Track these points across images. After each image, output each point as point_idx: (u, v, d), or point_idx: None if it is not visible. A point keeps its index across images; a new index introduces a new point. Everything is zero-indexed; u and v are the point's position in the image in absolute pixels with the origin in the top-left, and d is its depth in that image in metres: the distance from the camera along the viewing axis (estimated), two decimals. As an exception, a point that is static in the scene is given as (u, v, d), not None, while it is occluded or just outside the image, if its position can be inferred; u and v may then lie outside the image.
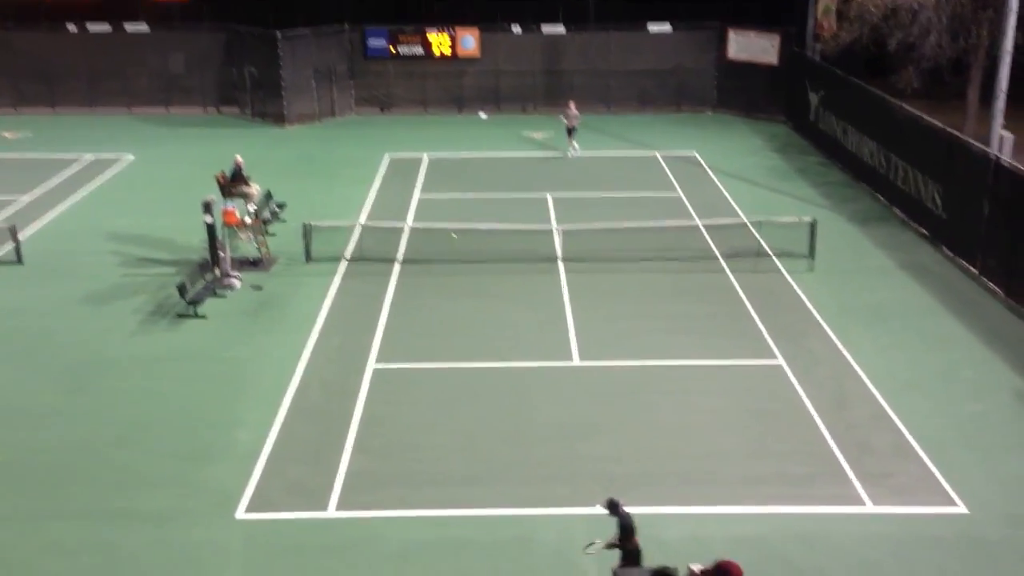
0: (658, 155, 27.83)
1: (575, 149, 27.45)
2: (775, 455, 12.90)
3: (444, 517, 11.66)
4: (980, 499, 11.84)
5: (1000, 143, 20.67)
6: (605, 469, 12.61)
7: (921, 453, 12.86)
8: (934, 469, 12.50)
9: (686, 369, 15.23)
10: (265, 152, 27.81)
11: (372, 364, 15.43)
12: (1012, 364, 15.28)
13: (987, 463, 12.62)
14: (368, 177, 25.72)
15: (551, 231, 20.91)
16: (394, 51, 33.28)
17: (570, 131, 27.45)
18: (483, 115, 33.07)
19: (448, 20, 33.78)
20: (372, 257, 19.76)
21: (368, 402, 14.28)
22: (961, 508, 11.73)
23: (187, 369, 15.28)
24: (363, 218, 22.17)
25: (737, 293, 18.10)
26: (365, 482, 12.33)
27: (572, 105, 27.64)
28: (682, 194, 24.18)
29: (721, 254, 19.92)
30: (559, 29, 33.34)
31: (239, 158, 20.60)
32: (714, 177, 25.68)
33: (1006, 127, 21.01)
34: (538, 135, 30.40)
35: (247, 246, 19.76)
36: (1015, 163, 18.59)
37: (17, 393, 14.58)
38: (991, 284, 18.19)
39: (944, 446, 12.96)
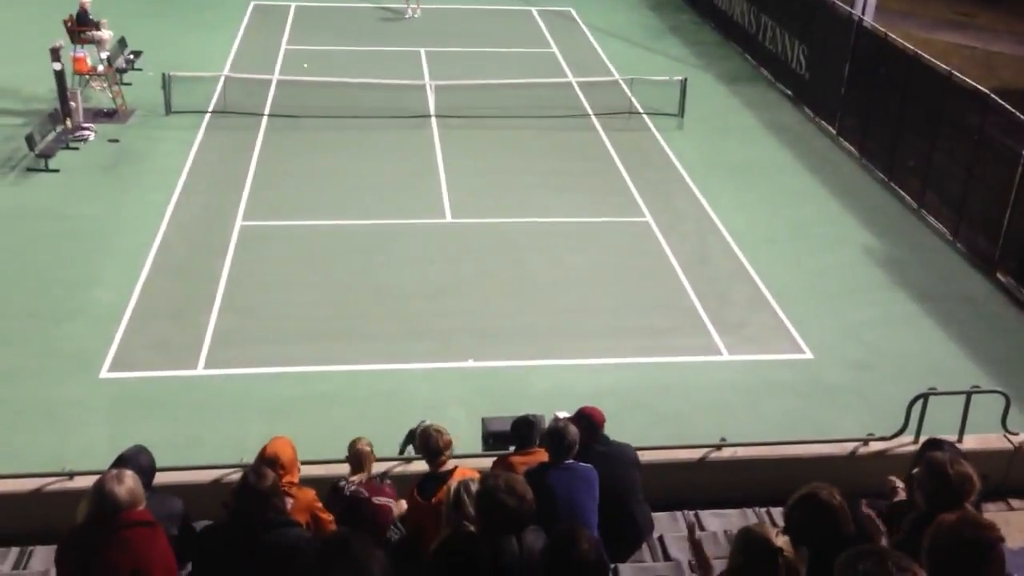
0: (533, 10, 27.30)
1: (413, 11, 26.01)
2: (640, 309, 13.35)
3: (314, 373, 11.70)
4: (825, 346, 12.62)
5: (864, 4, 21.07)
6: (474, 325, 12.82)
7: (774, 304, 13.53)
8: (785, 319, 13.20)
9: (557, 226, 15.44)
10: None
11: (239, 221, 15.05)
12: (861, 220, 16.06)
13: (833, 313, 13.40)
14: (232, 24, 24.43)
15: (424, 86, 20.46)
16: None
17: None
18: None
19: None
20: (237, 111, 18.99)
21: (235, 260, 13.99)
22: (807, 354, 12.49)
23: (38, 226, 14.55)
24: (227, 69, 21.14)
25: (608, 151, 18.27)
26: (233, 340, 12.20)
27: None
28: (556, 50, 23.92)
29: (593, 112, 19.96)
30: None
31: (85, 0, 19.19)
32: (589, 34, 25.45)
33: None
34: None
35: (101, 95, 18.66)
36: (876, 25, 19.05)
37: None
38: (847, 144, 18.87)
39: (795, 297, 13.66)
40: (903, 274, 14.41)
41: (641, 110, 20.04)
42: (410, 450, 7.91)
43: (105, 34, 18.94)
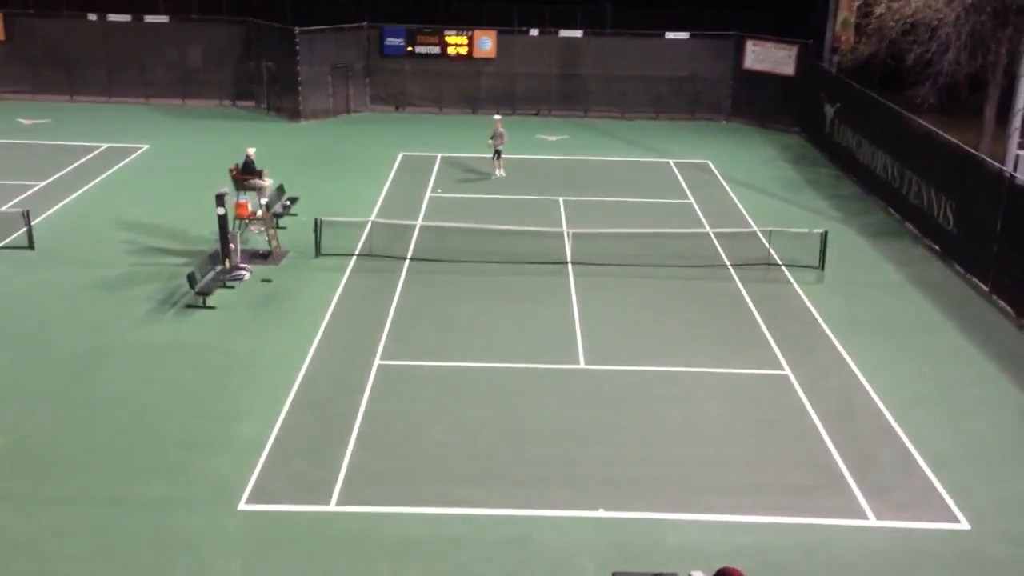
0: (671, 162, 27.81)
1: (499, 172, 25.82)
2: (778, 465, 12.87)
3: (443, 515, 11.66)
4: (982, 516, 11.79)
5: (1015, 161, 20.58)
6: (606, 473, 12.60)
7: (925, 468, 12.81)
8: (937, 485, 12.45)
9: (692, 376, 15.21)
10: (279, 146, 27.90)
11: (378, 360, 15.45)
12: (1019, 382, 15.21)
13: (990, 480, 12.56)
14: (381, 174, 25.77)
15: (562, 234, 20.91)
16: (411, 50, 33.35)
17: (497, 153, 25.72)
18: (497, 116, 33.00)
19: (466, 21, 33.87)
20: (382, 254, 19.80)
21: (372, 398, 14.30)
22: (963, 525, 11.68)
23: (193, 359, 15.32)
24: (374, 214, 22.21)
25: (746, 302, 18.06)
26: (367, 477, 12.35)
27: (499, 124, 25.94)
28: (694, 201, 24.15)
29: (731, 263, 19.89)
30: (576, 33, 33.36)
31: (250, 151, 20.68)
32: (726, 186, 25.65)
33: (1022, 146, 20.90)
34: (552, 138, 30.42)
35: (258, 239, 19.82)
36: (1029, 181, 18.52)
37: (22, 377, 14.64)
38: (1001, 302, 18.11)
39: (948, 462, 12.91)
40: (1068, 442, 13.46)
41: (780, 262, 19.85)
42: None
43: (266, 182, 20.28)
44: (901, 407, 14.31)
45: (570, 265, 19.53)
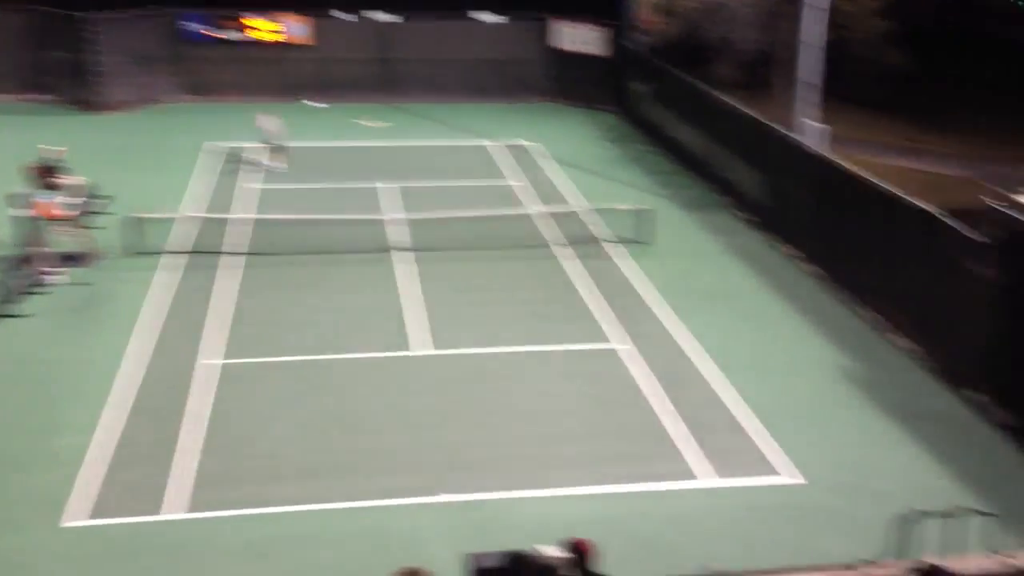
0: (491, 144, 28.00)
1: (275, 163, 24.77)
2: (616, 436, 13.24)
3: (290, 513, 11.35)
4: (808, 469, 12.50)
5: (811, 133, 21.81)
6: (451, 457, 12.61)
7: (753, 428, 13.48)
8: (765, 442, 13.12)
9: (526, 355, 15.41)
10: (80, 141, 26.10)
11: (204, 360, 14.84)
12: (832, 341, 16.23)
13: (815, 434, 13.36)
14: (194, 167, 24.69)
15: (388, 221, 20.69)
16: (217, 36, 32.04)
17: (273, 147, 24.81)
18: (319, 104, 32.26)
19: (273, 5, 32.74)
20: (200, 249, 19.02)
21: (201, 400, 13.73)
22: (791, 478, 12.36)
23: (4, 371, 14.24)
24: (188, 209, 21.28)
25: (575, 280, 18.45)
26: (202, 482, 11.84)
27: (268, 118, 25.01)
28: (515, 183, 24.43)
29: (555, 242, 20.25)
30: (390, 17, 32.99)
31: (53, 148, 19.35)
32: (549, 166, 26.08)
33: (821, 119, 22.18)
34: (371, 123, 30.02)
35: (68, 240, 18.58)
36: (829, 153, 19.75)
37: None
38: (813, 267, 19.25)
39: (775, 420, 13.63)
40: (877, 393, 14.49)
41: (607, 238, 20.38)
42: None
43: (72, 180, 19.01)
44: (729, 370, 15.00)
45: (399, 252, 19.36)
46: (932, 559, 7.65)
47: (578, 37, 33.01)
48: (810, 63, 21.83)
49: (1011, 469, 12.69)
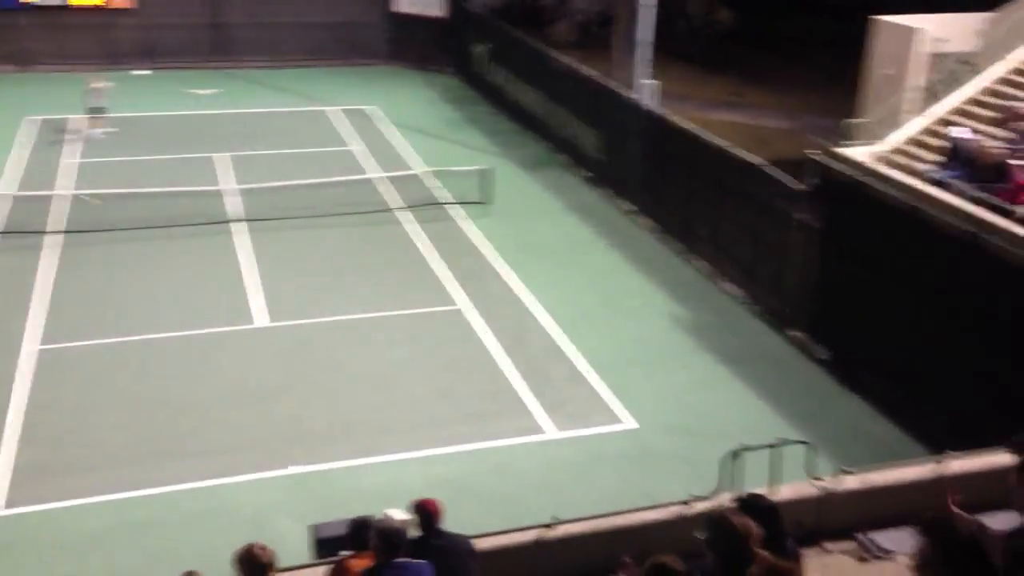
0: (330, 109, 27.46)
1: (97, 131, 23.89)
2: (462, 396, 13.37)
3: (128, 499, 11.00)
4: (645, 414, 13.01)
5: (645, 91, 22.37)
6: (295, 429, 12.46)
7: (592, 378, 13.87)
8: (604, 392, 13.54)
9: (370, 321, 15.33)
10: None
11: (27, 346, 14.10)
12: (665, 290, 16.82)
13: (648, 382, 13.87)
14: (7, 142, 23.19)
15: (221, 192, 20.05)
16: (33, 3, 30.07)
17: (96, 110, 23.92)
18: (143, 72, 30.73)
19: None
20: (20, 230, 17.96)
21: (27, 387, 13.07)
22: (629, 424, 12.83)
23: None
24: (6, 187, 20.02)
25: (417, 243, 18.41)
26: (31, 474, 11.31)
27: (96, 82, 24.29)
28: (356, 148, 24.08)
29: (397, 206, 20.13)
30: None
31: None
32: (388, 130, 25.80)
33: (654, 77, 22.72)
34: (202, 91, 28.90)
35: None
36: (659, 109, 20.30)
37: None
38: (645, 220, 19.82)
39: (612, 370, 14.05)
40: (709, 339, 15.13)
41: (447, 200, 20.39)
42: None
43: None
44: (568, 325, 15.34)
45: (236, 223, 18.82)
46: (757, 490, 8.07)
47: (416, -1, 32.62)
48: (647, 23, 22.30)
49: (827, 399, 13.55)
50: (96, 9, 30.76)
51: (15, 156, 22.31)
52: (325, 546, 8.83)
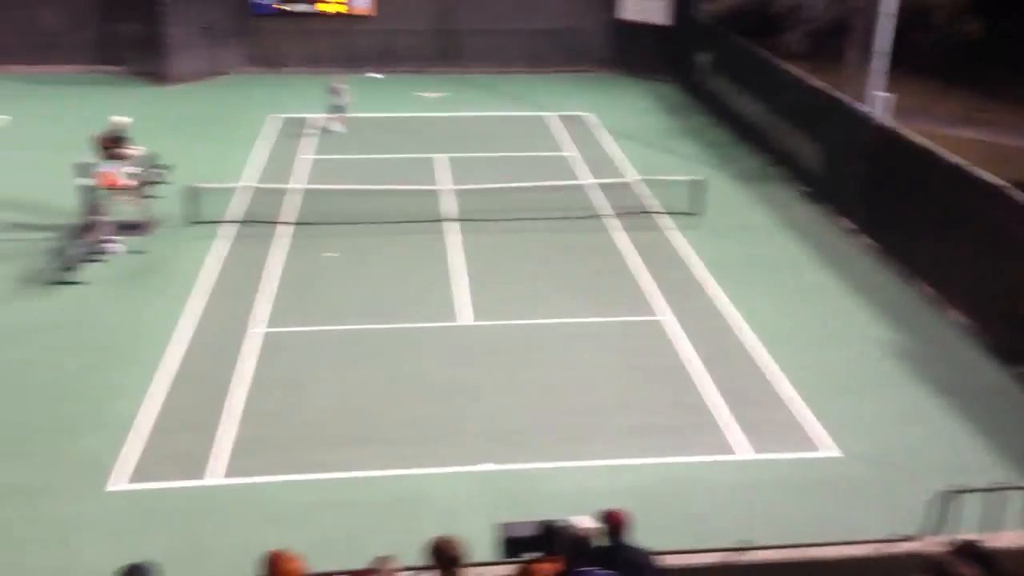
0: (549, 115, 27.89)
1: (335, 127, 25.80)
2: (655, 408, 13.22)
3: (330, 479, 11.62)
4: (848, 443, 12.38)
5: (879, 103, 21.26)
6: (490, 427, 12.74)
7: (794, 401, 13.35)
8: (806, 416, 13.00)
9: (571, 326, 15.42)
10: (147, 112, 26.77)
11: (256, 328, 15.18)
12: (880, 314, 15.93)
13: (855, 409, 13.18)
14: (254, 138, 25.11)
15: (441, 192, 20.81)
16: (283, 8, 32.43)
17: (337, 107, 25.73)
18: (377, 75, 32.56)
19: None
20: (257, 219, 19.37)
21: (251, 367, 14.05)
22: (831, 452, 12.25)
23: (60, 337, 14.76)
24: (248, 179, 21.68)
25: (623, 251, 18.37)
26: (247, 448, 12.17)
27: (338, 82, 26.19)
28: (571, 154, 24.33)
29: (608, 213, 20.15)
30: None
31: (116, 118, 19.86)
32: (603, 137, 25.90)
33: (888, 89, 21.58)
34: (432, 95, 30.14)
35: (128, 209, 19.10)
36: (892, 123, 19.24)
37: None
38: (865, 239, 18.86)
39: (816, 394, 13.47)
40: (925, 368, 14.20)
41: (657, 210, 20.22)
42: None
43: (135, 150, 19.52)
44: (773, 343, 14.84)
45: (451, 223, 19.48)
46: (969, 536, 7.51)
47: (641, 6, 32.56)
48: (886, 33, 21.21)
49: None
50: (339, 16, 32.74)
51: (259, 151, 24.11)
52: (512, 546, 8.94)
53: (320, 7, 32.73)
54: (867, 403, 13.35)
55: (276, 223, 19.28)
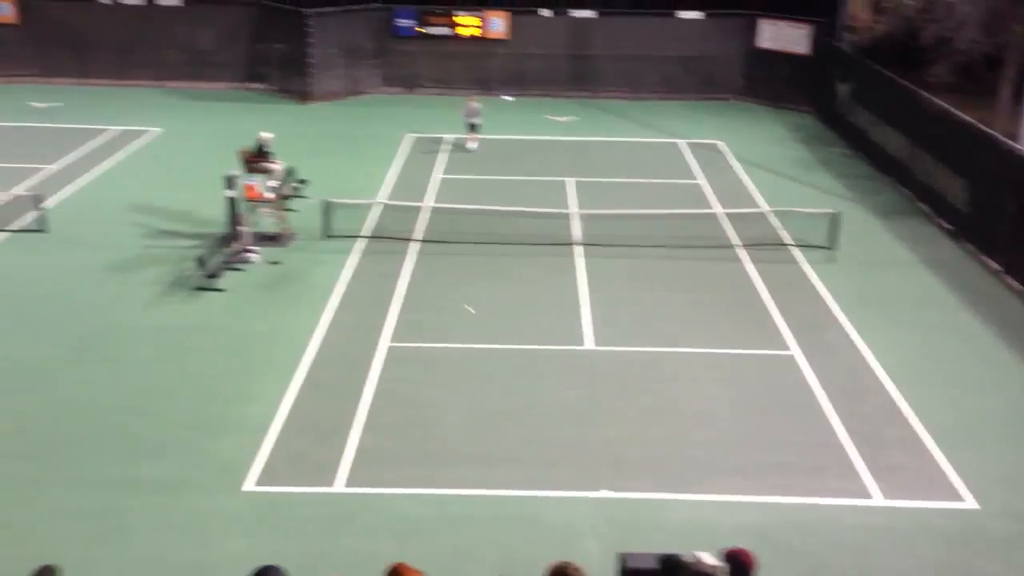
0: (681, 142, 27.67)
1: (470, 144, 26.54)
2: (783, 444, 12.86)
3: (449, 496, 11.72)
4: (988, 494, 11.76)
5: (1028, 139, 20.38)
6: (611, 453, 12.63)
7: (931, 447, 12.78)
8: (944, 464, 12.42)
9: (698, 356, 15.18)
10: (289, 128, 27.87)
11: (386, 342, 15.50)
12: (1027, 362, 15.14)
13: (996, 458, 12.53)
14: (390, 156, 25.76)
15: (570, 215, 20.87)
16: (422, 31, 33.27)
17: (472, 126, 26.53)
18: (508, 97, 33.02)
19: (477, 2, 33.73)
20: (390, 235, 19.83)
21: (379, 380, 14.35)
22: (969, 503, 11.65)
23: (201, 340, 15.42)
24: (383, 196, 22.23)
25: (754, 282, 18.00)
26: (373, 459, 12.41)
27: (475, 99, 27.08)
28: (703, 182, 24.04)
29: (740, 243, 19.80)
30: (589, 13, 33.17)
31: (263, 134, 20.72)
32: (736, 166, 25.51)
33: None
34: (562, 119, 30.32)
35: (267, 221, 19.87)
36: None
37: (28, 357, 14.78)
38: (1012, 281, 17.97)
39: (954, 440, 12.87)
40: (1077, 421, 13.38)
41: (790, 242, 19.75)
42: None
43: (276, 164, 20.30)
44: (908, 386, 14.26)
45: (578, 246, 19.50)
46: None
47: (780, 35, 32.04)
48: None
49: None
50: (475, 39, 33.34)
51: (394, 168, 24.72)
52: (633, 577, 8.84)
53: (458, 30, 33.43)
54: (1008, 454, 12.66)
55: (408, 240, 19.69)
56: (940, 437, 12.96)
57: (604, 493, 11.81)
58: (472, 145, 26.52)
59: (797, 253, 19.36)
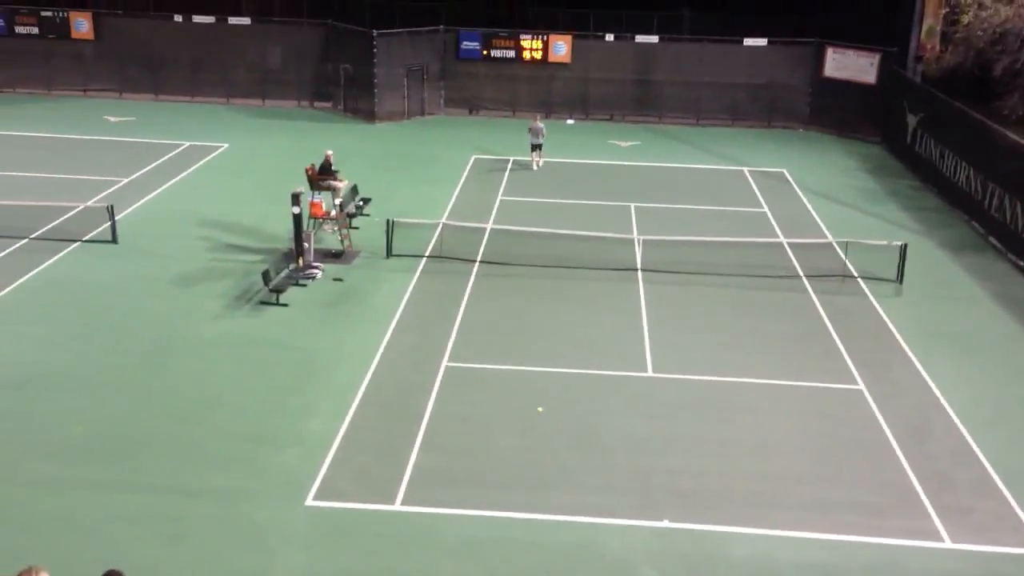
0: (746, 170, 27.44)
1: (538, 164, 26.91)
2: (849, 482, 12.58)
3: (507, 518, 11.66)
4: (1064, 543, 11.37)
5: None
6: (672, 483, 12.47)
7: (1004, 490, 12.41)
8: (1016, 507, 12.04)
9: (762, 387, 14.96)
10: (354, 147, 28.27)
11: (446, 362, 15.52)
12: (1107, 405, 14.65)
13: (1074, 506, 12.12)
14: (453, 177, 25.92)
15: (633, 240, 20.78)
16: (486, 54, 33.53)
17: (536, 146, 26.80)
18: (570, 120, 33.09)
19: (542, 26, 33.93)
20: (452, 256, 19.90)
21: (439, 399, 14.37)
22: (1043, 551, 11.28)
23: (265, 354, 15.59)
24: (446, 216, 22.35)
25: (820, 314, 17.72)
26: (431, 478, 12.41)
27: (538, 120, 27.63)
28: (768, 211, 23.79)
29: (805, 274, 19.53)
30: (652, 38, 33.15)
31: (329, 152, 20.99)
32: (802, 195, 25.21)
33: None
34: (625, 143, 30.27)
35: (331, 238, 20.09)
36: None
37: (98, 366, 15.08)
38: (1089, 321, 17.48)
39: (1027, 485, 12.49)
40: None
41: (856, 274, 19.43)
42: None
43: (341, 183, 20.55)
44: (979, 425, 13.89)
45: (640, 272, 19.38)
46: None
47: (848, 63, 31.70)
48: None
49: None
50: (539, 63, 33.50)
51: (459, 189, 24.85)
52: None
53: (524, 54, 33.60)
54: (1087, 500, 12.25)
55: (470, 260, 19.75)
56: (1011, 480, 12.58)
57: (665, 523, 11.65)
58: (536, 165, 26.62)
59: (863, 285, 19.03)
